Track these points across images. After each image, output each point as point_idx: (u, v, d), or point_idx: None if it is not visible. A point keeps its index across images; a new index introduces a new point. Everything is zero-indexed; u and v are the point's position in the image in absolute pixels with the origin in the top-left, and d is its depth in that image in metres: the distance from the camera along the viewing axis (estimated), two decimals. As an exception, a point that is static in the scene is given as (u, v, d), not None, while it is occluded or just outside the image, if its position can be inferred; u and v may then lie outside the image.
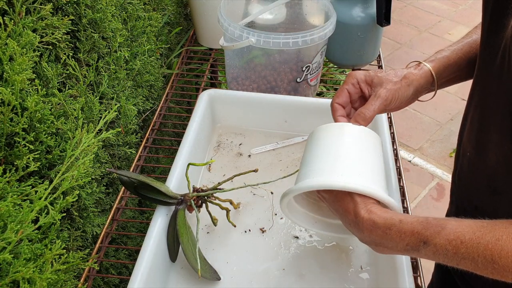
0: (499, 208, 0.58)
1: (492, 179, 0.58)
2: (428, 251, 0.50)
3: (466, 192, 0.66)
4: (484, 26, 0.58)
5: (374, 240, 0.53)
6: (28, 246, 0.55)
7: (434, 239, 0.49)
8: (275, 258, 0.70)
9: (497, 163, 0.56)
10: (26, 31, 0.59)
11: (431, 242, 0.49)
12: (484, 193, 0.60)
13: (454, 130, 2.32)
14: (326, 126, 0.63)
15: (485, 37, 0.57)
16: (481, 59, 0.59)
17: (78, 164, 0.62)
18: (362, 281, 0.67)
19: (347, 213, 0.56)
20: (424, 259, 0.75)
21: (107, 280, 0.85)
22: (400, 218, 0.52)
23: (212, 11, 1.12)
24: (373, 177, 0.58)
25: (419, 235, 0.50)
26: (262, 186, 0.77)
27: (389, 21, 1.01)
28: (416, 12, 3.25)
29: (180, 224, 0.66)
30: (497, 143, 0.55)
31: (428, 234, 0.49)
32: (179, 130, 1.12)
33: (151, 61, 1.01)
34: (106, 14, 0.78)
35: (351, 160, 0.59)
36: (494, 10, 0.55)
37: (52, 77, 0.66)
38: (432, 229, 0.49)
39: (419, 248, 0.50)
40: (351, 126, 0.62)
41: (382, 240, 0.52)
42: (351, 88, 0.66)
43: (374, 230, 0.53)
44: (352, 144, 0.60)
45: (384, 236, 0.52)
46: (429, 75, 0.67)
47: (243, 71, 0.95)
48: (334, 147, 0.60)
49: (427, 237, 0.49)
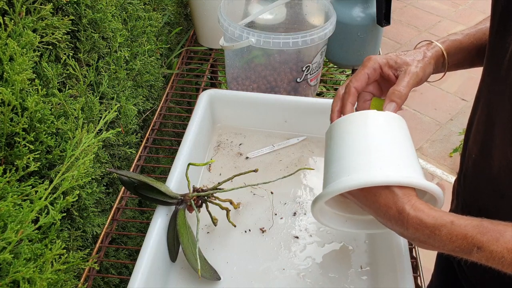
0: (503, 211, 0.58)
1: (496, 182, 0.58)
2: (480, 256, 0.48)
3: (471, 193, 0.65)
4: (492, 29, 0.57)
5: (418, 238, 0.51)
6: (28, 246, 0.55)
7: (490, 246, 0.47)
8: (275, 258, 0.70)
9: (500, 166, 0.56)
10: (26, 31, 0.59)
11: (487, 249, 0.47)
12: (488, 195, 0.60)
13: (454, 130, 2.32)
14: (346, 117, 0.59)
15: (493, 40, 0.57)
16: (488, 62, 0.59)
17: (78, 164, 0.62)
18: (362, 281, 0.67)
19: (387, 208, 0.52)
20: (424, 259, 0.75)
21: (107, 280, 0.85)
22: (451, 219, 0.49)
23: (212, 11, 1.12)
24: (412, 165, 0.54)
25: (473, 239, 0.47)
26: (262, 186, 0.77)
27: (389, 21, 1.01)
28: (416, 12, 3.25)
29: (180, 224, 0.66)
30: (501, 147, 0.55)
31: (485, 240, 0.47)
32: (179, 130, 1.12)
33: (151, 61, 1.01)
34: (106, 14, 0.78)
35: (385, 151, 0.55)
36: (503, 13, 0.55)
37: (52, 77, 0.66)
38: (489, 234, 0.47)
39: (471, 252, 0.48)
40: (375, 113, 0.58)
41: (429, 239, 0.50)
42: (371, 72, 0.63)
43: (421, 229, 0.50)
44: (381, 133, 0.56)
45: (431, 235, 0.49)
46: (440, 54, 0.65)
47: (243, 71, 0.95)
48: (362, 140, 0.56)
49: (482, 243, 0.47)
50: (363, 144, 0.56)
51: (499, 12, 0.55)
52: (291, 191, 0.80)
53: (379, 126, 0.57)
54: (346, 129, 0.58)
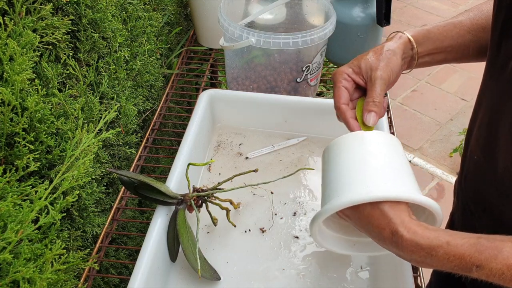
0: (507, 211, 0.58)
1: (500, 183, 0.58)
2: (481, 274, 0.47)
3: (474, 195, 0.65)
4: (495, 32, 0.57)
5: (415, 259, 0.50)
6: (28, 246, 0.55)
7: (489, 264, 0.46)
8: (275, 258, 0.70)
9: (505, 167, 0.55)
10: (26, 31, 0.59)
11: (486, 267, 0.46)
12: (492, 196, 0.60)
13: (454, 130, 2.32)
14: (339, 139, 0.59)
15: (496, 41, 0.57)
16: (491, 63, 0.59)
17: (78, 164, 0.62)
18: (362, 281, 0.67)
19: (380, 229, 0.51)
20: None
21: (107, 280, 0.85)
22: (447, 240, 0.48)
23: (212, 11, 1.12)
24: (403, 181, 0.53)
25: (472, 258, 0.47)
26: (262, 186, 0.77)
27: (389, 21, 1.01)
28: (416, 12, 3.26)
29: (180, 224, 0.66)
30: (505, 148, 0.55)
31: (483, 258, 0.46)
32: (179, 130, 1.12)
33: (151, 61, 1.01)
34: (106, 14, 0.78)
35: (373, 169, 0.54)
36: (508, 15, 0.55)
37: (52, 77, 0.66)
38: (487, 252, 0.46)
39: (470, 271, 0.47)
40: (364, 134, 0.58)
41: (426, 260, 0.49)
42: (345, 84, 0.65)
43: (417, 252, 0.49)
44: (370, 154, 0.56)
45: (428, 257, 0.48)
46: (407, 42, 0.66)
47: (243, 71, 0.95)
48: (351, 162, 0.56)
49: (481, 261, 0.46)
50: (352, 165, 0.56)
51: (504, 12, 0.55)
52: (291, 191, 0.80)
53: (370, 145, 0.57)
54: (336, 152, 0.59)
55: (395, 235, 0.50)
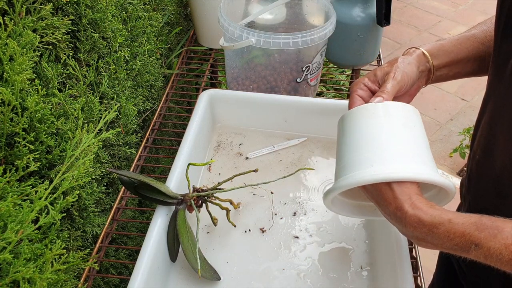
0: (506, 211, 0.58)
1: (498, 183, 0.58)
2: (479, 254, 0.47)
3: (476, 195, 0.66)
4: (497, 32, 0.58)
5: (417, 236, 0.51)
6: (28, 246, 0.55)
7: (488, 243, 0.46)
8: (275, 258, 0.70)
9: (504, 166, 0.56)
10: (26, 31, 0.59)
11: (485, 246, 0.46)
12: (491, 196, 0.60)
13: (454, 130, 2.32)
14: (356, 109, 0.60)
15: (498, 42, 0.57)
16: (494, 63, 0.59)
17: (78, 164, 0.62)
18: (362, 281, 0.67)
19: (387, 204, 0.53)
20: (424, 259, 0.75)
21: (107, 280, 0.85)
22: (449, 217, 0.49)
23: (212, 11, 1.12)
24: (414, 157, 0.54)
25: (471, 236, 0.47)
26: (262, 186, 0.77)
27: (389, 21, 1.01)
28: (416, 12, 3.26)
29: (180, 224, 0.66)
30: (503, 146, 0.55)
31: (482, 236, 0.47)
32: (179, 130, 1.12)
33: (151, 61, 1.01)
34: (106, 14, 0.78)
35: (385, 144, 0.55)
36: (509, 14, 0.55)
37: (52, 77, 0.66)
38: (486, 231, 0.47)
39: (469, 250, 0.48)
40: (379, 104, 0.58)
41: (427, 237, 0.50)
42: (360, 93, 0.65)
43: (419, 227, 0.50)
44: (384, 126, 0.56)
45: (429, 234, 0.49)
46: (421, 54, 0.67)
47: (243, 71, 0.95)
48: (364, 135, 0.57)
49: (480, 239, 0.47)
50: (364, 140, 0.57)
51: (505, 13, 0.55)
52: (291, 191, 0.80)
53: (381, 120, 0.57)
54: (350, 124, 0.60)
55: (400, 211, 0.51)
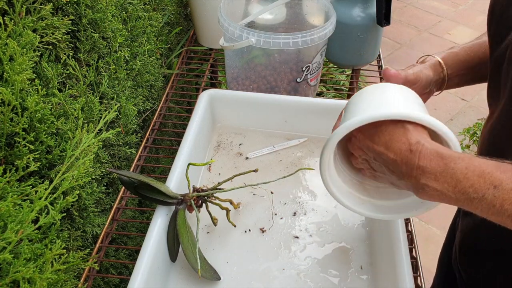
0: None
1: None
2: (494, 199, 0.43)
3: None
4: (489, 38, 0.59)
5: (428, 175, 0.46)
6: (28, 246, 0.55)
7: (509, 183, 0.43)
8: (275, 258, 0.70)
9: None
10: (26, 31, 0.59)
11: (506, 187, 0.43)
12: None
13: (454, 130, 2.32)
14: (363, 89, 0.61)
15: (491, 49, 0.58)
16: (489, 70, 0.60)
17: (78, 164, 0.62)
18: (362, 281, 0.67)
19: (400, 144, 0.49)
20: (424, 260, 0.75)
21: (107, 280, 0.85)
22: (469, 156, 0.45)
23: (212, 11, 1.12)
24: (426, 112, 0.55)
25: (491, 176, 0.43)
26: (262, 186, 0.77)
27: (389, 21, 1.01)
28: (416, 12, 3.25)
29: (180, 224, 0.66)
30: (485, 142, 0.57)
31: (504, 177, 0.43)
32: (179, 130, 1.12)
33: (151, 61, 1.01)
34: (106, 14, 0.78)
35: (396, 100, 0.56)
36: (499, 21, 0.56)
37: (52, 77, 0.66)
38: (510, 173, 0.43)
39: (484, 193, 0.44)
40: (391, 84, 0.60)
41: (441, 176, 0.46)
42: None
43: (435, 160, 0.46)
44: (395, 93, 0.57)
45: (445, 169, 0.45)
46: (437, 63, 0.68)
47: (243, 71, 0.95)
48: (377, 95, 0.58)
49: (501, 180, 0.43)
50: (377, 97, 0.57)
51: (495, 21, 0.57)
52: (291, 191, 0.80)
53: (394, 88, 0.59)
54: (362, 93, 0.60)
55: (416, 145, 0.48)
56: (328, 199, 0.78)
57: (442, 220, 1.83)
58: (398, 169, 0.50)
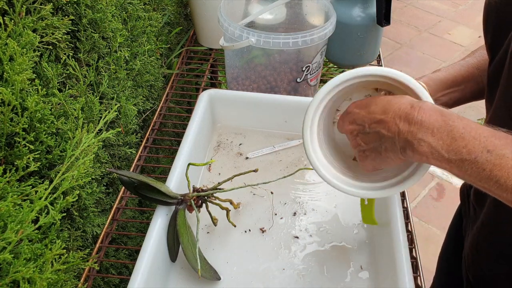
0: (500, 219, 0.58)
1: None
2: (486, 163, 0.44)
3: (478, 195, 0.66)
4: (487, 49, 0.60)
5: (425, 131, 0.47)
6: (28, 246, 0.55)
7: (503, 150, 0.44)
8: (275, 258, 0.70)
9: None
10: (26, 31, 0.59)
11: (498, 153, 0.43)
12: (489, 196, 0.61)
13: (454, 130, 2.32)
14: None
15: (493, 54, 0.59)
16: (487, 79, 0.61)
17: (78, 164, 0.62)
18: (362, 281, 0.67)
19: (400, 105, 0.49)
20: (424, 259, 0.75)
21: (107, 280, 0.85)
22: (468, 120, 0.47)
23: (212, 11, 1.12)
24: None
25: (486, 140, 0.44)
26: (262, 186, 0.77)
27: (389, 21, 1.01)
28: (416, 12, 3.25)
29: (180, 224, 0.66)
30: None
31: (498, 143, 0.44)
32: (179, 130, 1.12)
33: (151, 61, 1.01)
34: (106, 14, 0.78)
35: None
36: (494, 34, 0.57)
37: (52, 77, 0.66)
38: (504, 140, 0.44)
39: (477, 156, 0.44)
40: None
41: (437, 132, 0.46)
42: None
43: (434, 115, 0.47)
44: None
45: (442, 125, 0.46)
46: None
47: (243, 71, 0.95)
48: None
49: (495, 145, 0.44)
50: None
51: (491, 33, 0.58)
52: (291, 191, 0.80)
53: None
54: None
55: (417, 103, 0.49)
56: (328, 199, 0.78)
57: (442, 220, 1.83)
58: (395, 128, 0.49)
